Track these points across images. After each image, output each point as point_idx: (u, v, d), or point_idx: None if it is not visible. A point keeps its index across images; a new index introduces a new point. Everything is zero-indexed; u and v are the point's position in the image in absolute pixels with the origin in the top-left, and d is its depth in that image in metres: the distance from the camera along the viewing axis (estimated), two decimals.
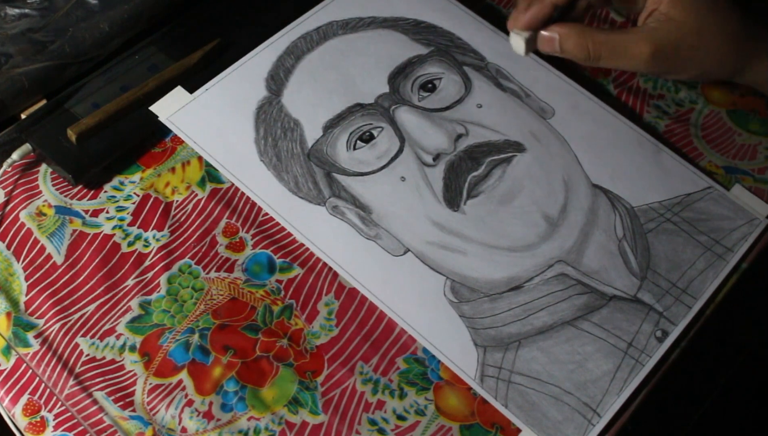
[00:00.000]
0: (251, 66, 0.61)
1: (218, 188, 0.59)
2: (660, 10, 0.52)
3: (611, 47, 0.53)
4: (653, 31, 0.52)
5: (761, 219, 0.59)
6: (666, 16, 0.52)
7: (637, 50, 0.52)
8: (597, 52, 0.53)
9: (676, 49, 0.52)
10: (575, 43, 0.53)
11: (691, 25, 0.52)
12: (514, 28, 0.54)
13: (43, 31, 0.61)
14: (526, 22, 0.53)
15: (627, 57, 0.53)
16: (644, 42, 0.52)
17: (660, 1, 0.52)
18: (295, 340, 0.53)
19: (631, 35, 0.53)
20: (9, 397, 0.50)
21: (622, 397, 0.51)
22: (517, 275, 0.54)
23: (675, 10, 0.52)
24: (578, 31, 0.53)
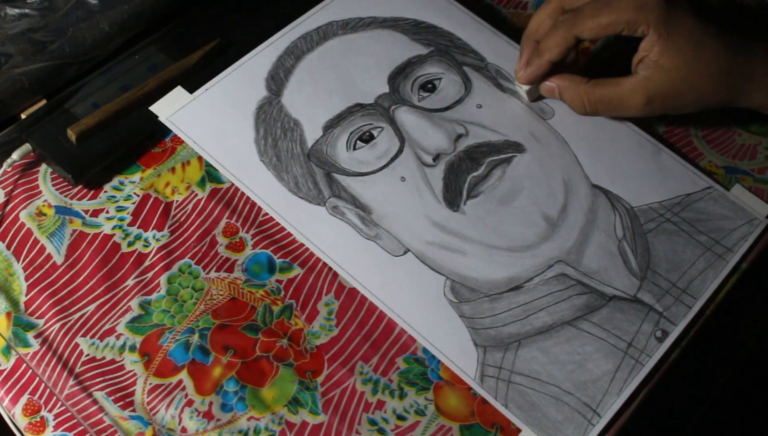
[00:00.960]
0: (251, 66, 0.61)
1: (218, 188, 0.59)
2: (650, 57, 0.54)
3: (607, 102, 0.57)
4: (645, 81, 0.55)
5: (761, 219, 0.59)
6: (656, 64, 0.54)
7: (633, 102, 0.56)
8: (593, 107, 0.58)
9: (669, 96, 0.55)
10: (571, 98, 0.58)
11: (682, 71, 0.54)
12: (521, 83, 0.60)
13: (43, 31, 0.61)
14: (527, 79, 0.59)
15: (623, 109, 0.57)
16: (638, 93, 0.55)
17: (650, 49, 0.54)
18: (295, 340, 0.53)
19: (624, 87, 0.56)
20: (9, 397, 0.50)
21: (622, 397, 0.51)
22: (517, 275, 0.54)
23: (664, 58, 0.54)
24: (574, 87, 0.58)
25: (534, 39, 0.58)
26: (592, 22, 0.55)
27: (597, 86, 0.57)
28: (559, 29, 0.56)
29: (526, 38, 0.59)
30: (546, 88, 0.59)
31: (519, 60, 0.59)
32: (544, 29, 0.58)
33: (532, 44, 0.58)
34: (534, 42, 0.58)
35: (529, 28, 0.59)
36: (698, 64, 0.54)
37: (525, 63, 0.58)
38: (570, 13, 0.56)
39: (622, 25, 0.54)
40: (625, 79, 0.56)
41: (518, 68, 0.59)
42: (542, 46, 0.57)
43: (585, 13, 0.55)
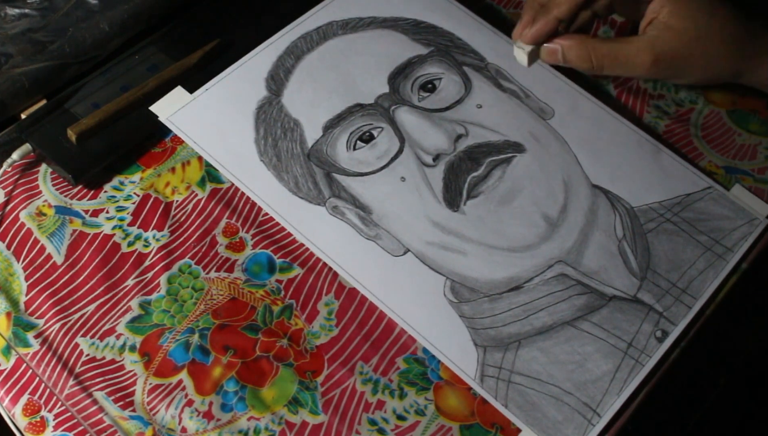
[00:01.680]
0: (251, 66, 0.61)
1: (218, 188, 0.59)
2: (660, 18, 0.53)
3: (613, 57, 0.54)
4: (654, 40, 0.53)
5: (761, 219, 0.59)
6: (666, 25, 0.53)
7: (639, 59, 0.54)
8: (600, 62, 0.55)
9: (677, 57, 0.53)
10: (578, 54, 0.55)
11: (691, 33, 0.53)
12: (519, 42, 0.55)
13: (43, 31, 0.61)
14: (532, 37, 0.55)
15: (629, 66, 0.54)
16: (645, 51, 0.53)
17: (660, 10, 0.53)
18: (295, 340, 0.53)
19: (632, 45, 0.54)
20: (9, 397, 0.50)
21: (621, 397, 0.51)
22: (517, 275, 0.54)
23: (674, 19, 0.53)
24: (580, 42, 0.55)
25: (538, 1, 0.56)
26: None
27: (604, 42, 0.55)
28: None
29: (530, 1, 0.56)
30: (548, 49, 0.56)
31: (519, 22, 0.56)
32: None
33: (535, 5, 0.55)
34: (537, 3, 0.55)
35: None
36: (709, 27, 0.53)
37: (527, 22, 0.55)
38: None
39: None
40: (634, 37, 0.54)
41: (519, 28, 0.56)
42: (551, 3, 0.54)
43: None
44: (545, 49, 0.56)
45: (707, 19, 0.53)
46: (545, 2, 0.55)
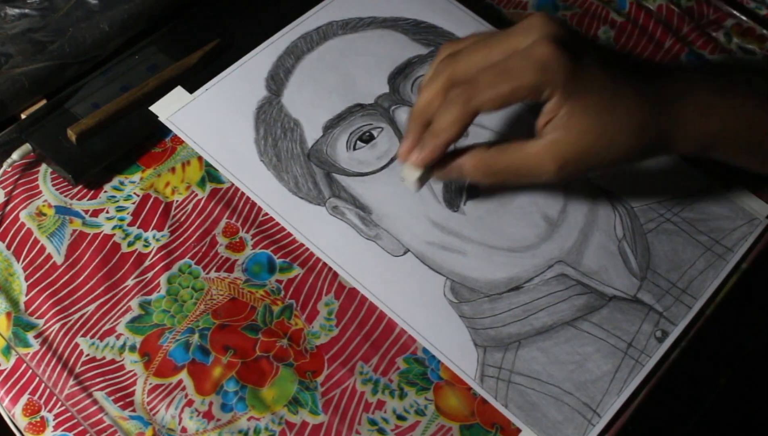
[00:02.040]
0: (251, 66, 0.61)
1: (218, 188, 0.59)
2: (558, 118, 0.47)
3: (514, 171, 0.49)
4: (555, 145, 0.48)
5: (761, 219, 0.59)
6: (564, 125, 0.47)
7: (543, 168, 0.48)
8: (500, 177, 0.50)
9: (583, 158, 0.48)
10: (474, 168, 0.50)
11: (595, 131, 0.47)
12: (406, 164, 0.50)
13: (43, 31, 0.61)
14: (421, 162, 0.49)
15: (533, 176, 0.49)
16: (548, 159, 0.48)
17: (557, 110, 0.47)
18: (295, 340, 0.53)
19: (532, 154, 0.48)
20: (9, 397, 0.50)
21: (621, 397, 0.51)
22: (517, 275, 0.54)
23: (574, 119, 0.47)
24: (478, 158, 0.49)
25: (424, 117, 0.49)
26: (492, 92, 0.46)
27: (501, 153, 0.49)
28: (454, 104, 0.47)
29: (416, 116, 0.49)
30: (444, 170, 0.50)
31: (404, 141, 0.49)
32: (434, 107, 0.49)
33: (422, 123, 0.49)
34: (424, 120, 0.49)
35: (417, 104, 0.49)
36: (612, 122, 0.47)
37: (413, 143, 0.49)
38: (464, 85, 0.47)
39: (526, 91, 0.46)
40: (532, 142, 0.48)
41: (405, 150, 0.49)
42: (438, 126, 0.48)
43: (482, 82, 0.46)
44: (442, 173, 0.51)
45: (610, 112, 0.47)
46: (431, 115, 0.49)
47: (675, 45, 0.69)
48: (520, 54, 0.46)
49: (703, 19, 0.72)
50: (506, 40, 0.48)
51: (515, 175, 0.49)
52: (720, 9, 0.72)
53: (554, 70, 0.46)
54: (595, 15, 0.71)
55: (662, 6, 0.72)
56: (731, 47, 0.70)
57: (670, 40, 0.70)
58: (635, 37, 0.70)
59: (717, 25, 0.71)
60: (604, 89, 0.47)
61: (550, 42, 0.46)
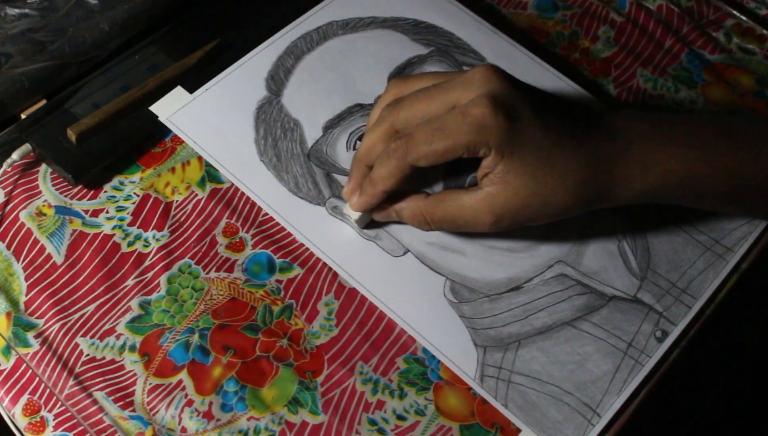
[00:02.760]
0: (251, 66, 0.61)
1: (218, 188, 0.59)
2: (495, 173, 0.48)
3: (450, 221, 0.50)
4: (491, 198, 0.48)
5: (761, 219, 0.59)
6: (501, 180, 0.48)
7: (479, 220, 0.49)
8: (437, 225, 0.51)
9: (519, 212, 0.49)
10: (412, 216, 0.52)
11: (530, 187, 0.48)
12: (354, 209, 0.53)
13: (43, 31, 0.61)
14: (359, 207, 0.52)
15: (469, 227, 0.50)
16: (484, 212, 0.49)
17: (493, 166, 0.48)
18: (295, 340, 0.53)
19: (468, 206, 0.49)
20: (9, 397, 0.50)
21: (621, 397, 0.51)
22: (517, 275, 0.54)
23: (510, 175, 0.47)
24: (413, 206, 0.51)
25: (366, 162, 0.51)
26: (426, 149, 0.47)
27: (438, 203, 0.50)
28: (391, 158, 0.48)
29: (358, 160, 0.52)
30: (383, 214, 0.53)
31: (348, 183, 0.52)
32: (376, 153, 0.50)
33: (364, 168, 0.52)
34: (365, 166, 0.51)
35: (360, 151, 0.52)
36: (549, 179, 0.47)
37: (355, 187, 0.52)
38: (402, 139, 0.48)
39: (461, 150, 0.47)
40: (469, 194, 0.49)
41: (348, 191, 0.52)
42: (375, 176, 0.50)
43: (418, 138, 0.48)
44: (380, 216, 0.53)
45: (546, 171, 0.47)
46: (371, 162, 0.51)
47: (675, 45, 0.69)
48: (457, 111, 0.47)
49: (703, 19, 0.72)
50: (447, 93, 0.48)
51: (452, 225, 0.51)
52: (720, 9, 0.72)
53: (489, 130, 0.46)
54: (595, 15, 0.71)
55: (662, 6, 0.72)
56: (731, 47, 0.70)
57: (670, 40, 0.70)
58: (635, 37, 0.70)
59: (717, 25, 0.71)
60: (541, 149, 0.47)
61: (488, 101, 0.46)
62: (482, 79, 0.48)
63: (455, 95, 0.48)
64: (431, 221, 0.51)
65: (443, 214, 0.50)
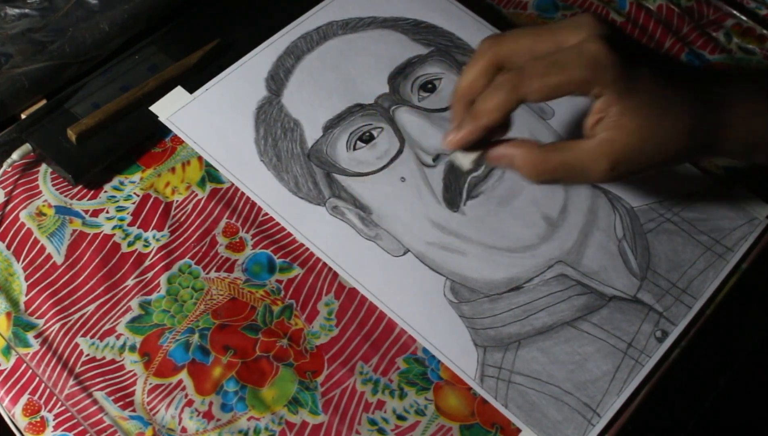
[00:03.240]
0: (251, 66, 0.61)
1: (218, 188, 0.59)
2: (609, 117, 0.47)
3: (567, 169, 0.49)
4: (607, 144, 0.48)
5: (761, 219, 0.59)
6: (616, 124, 0.47)
7: (595, 167, 0.48)
8: (552, 175, 0.49)
9: (635, 158, 0.48)
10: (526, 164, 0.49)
11: (647, 131, 0.47)
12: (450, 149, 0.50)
13: (43, 31, 0.61)
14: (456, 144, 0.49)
15: (584, 175, 0.49)
16: (601, 157, 0.48)
17: (607, 109, 0.47)
18: (295, 340, 0.53)
19: (585, 152, 0.48)
20: (9, 397, 0.50)
21: (621, 397, 0.51)
22: (517, 275, 0.54)
23: (625, 118, 0.47)
24: (530, 152, 0.49)
25: (467, 99, 0.49)
26: (539, 82, 0.46)
27: (554, 151, 0.48)
28: (500, 90, 0.47)
29: (459, 98, 0.49)
30: (495, 154, 0.50)
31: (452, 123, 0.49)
32: (478, 88, 0.48)
33: (466, 104, 0.49)
34: (467, 102, 0.49)
35: (459, 86, 0.49)
36: (663, 122, 0.47)
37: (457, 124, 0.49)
38: (512, 72, 0.47)
39: (575, 86, 0.46)
40: (584, 142, 0.48)
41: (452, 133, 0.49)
42: (479, 109, 0.47)
43: (530, 71, 0.46)
44: (492, 157, 0.50)
45: (660, 112, 0.47)
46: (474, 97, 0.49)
47: (675, 45, 0.69)
48: (570, 49, 0.47)
49: (703, 19, 0.72)
50: (554, 34, 0.48)
51: (567, 174, 0.49)
52: (720, 9, 0.72)
53: (605, 67, 0.46)
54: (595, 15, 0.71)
55: (662, 6, 0.72)
56: (731, 47, 0.70)
57: (670, 40, 0.70)
58: (635, 37, 0.70)
59: (717, 25, 0.71)
60: (655, 90, 0.47)
61: (602, 40, 0.46)
62: (591, 22, 0.48)
63: (562, 36, 0.48)
64: (545, 170, 0.49)
65: (559, 162, 0.48)
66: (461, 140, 0.48)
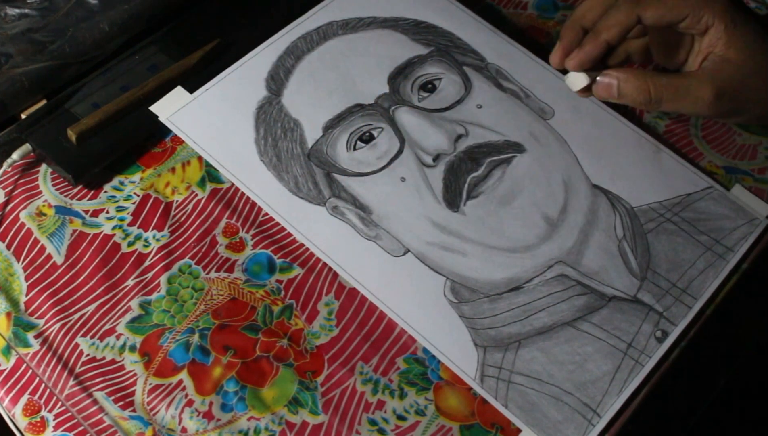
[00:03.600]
0: (251, 66, 0.61)
1: (218, 188, 0.59)
2: (716, 52, 0.52)
3: (674, 90, 0.52)
4: (714, 73, 0.52)
5: (761, 219, 0.59)
6: (723, 58, 0.52)
7: (700, 93, 0.52)
8: (659, 94, 0.52)
9: (738, 91, 0.52)
10: (635, 86, 0.52)
11: (751, 65, 0.51)
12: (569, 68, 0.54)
13: (43, 31, 0.61)
14: (579, 61, 0.53)
15: (689, 100, 0.52)
16: (706, 85, 0.52)
17: (715, 44, 0.52)
18: (295, 340, 0.53)
19: (691, 78, 0.52)
20: (9, 397, 0.50)
21: (621, 397, 0.51)
22: (517, 275, 0.54)
23: (731, 51, 0.51)
24: (637, 74, 0.53)
25: (580, 25, 0.54)
26: (658, 4, 0.51)
27: (662, 74, 0.53)
28: (621, 8, 0.52)
29: (572, 23, 0.54)
30: (603, 84, 0.53)
31: (557, 47, 0.54)
32: (595, 15, 0.53)
33: (577, 30, 0.54)
34: (579, 28, 0.54)
35: (576, 13, 0.54)
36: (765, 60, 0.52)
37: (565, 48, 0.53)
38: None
39: (688, 11, 0.51)
40: (692, 71, 0.53)
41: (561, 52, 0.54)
42: (600, 26, 0.52)
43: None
44: (600, 84, 0.54)
45: (764, 49, 0.52)
46: (589, 26, 0.53)
47: None
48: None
49: None
50: None
51: (671, 95, 0.52)
52: None
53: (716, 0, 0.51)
54: None
55: None
56: None
57: None
58: None
59: None
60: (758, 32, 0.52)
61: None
62: None
63: None
64: (654, 87, 0.52)
65: (667, 82, 0.52)
66: (584, 57, 0.53)
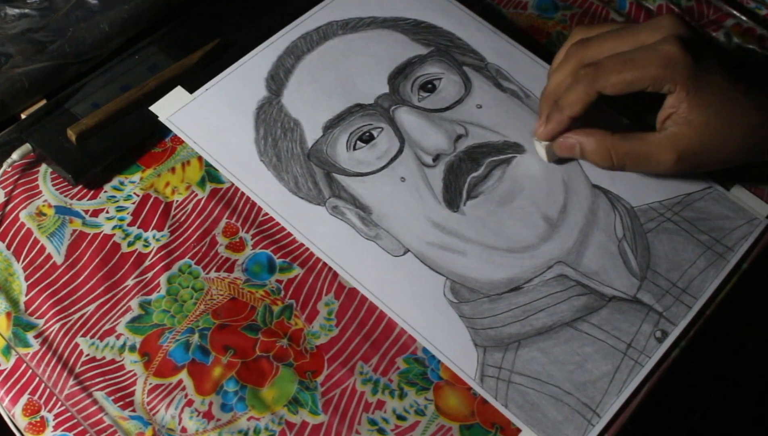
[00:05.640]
0: (251, 66, 0.61)
1: (218, 188, 0.59)
2: (679, 113, 0.52)
3: (635, 158, 0.53)
4: (675, 138, 0.52)
5: (761, 219, 0.59)
6: (685, 120, 0.52)
7: (661, 158, 0.53)
8: (620, 161, 0.54)
9: (700, 153, 0.52)
10: (597, 151, 0.54)
11: (713, 127, 0.51)
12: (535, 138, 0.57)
13: (43, 31, 0.61)
14: (546, 135, 0.55)
15: (651, 164, 0.54)
16: (668, 149, 0.52)
17: (678, 105, 0.51)
18: (295, 340, 0.53)
19: (653, 144, 0.53)
20: (9, 397, 0.50)
21: (621, 397, 0.51)
22: (517, 275, 0.54)
23: (693, 114, 0.51)
24: (600, 140, 0.54)
25: (554, 97, 0.55)
26: (616, 78, 0.51)
27: (624, 139, 0.53)
28: (580, 84, 0.52)
29: (546, 98, 0.56)
30: (566, 145, 0.55)
31: (538, 120, 0.56)
32: (565, 86, 0.54)
33: (552, 103, 0.55)
34: (553, 102, 0.55)
35: (547, 88, 0.56)
36: (729, 120, 0.52)
37: (544, 121, 0.55)
38: (591, 66, 0.52)
39: (648, 82, 0.51)
40: (653, 134, 0.53)
41: (537, 126, 0.56)
42: (563, 102, 0.53)
43: (608, 67, 0.51)
44: (562, 144, 0.55)
45: (727, 110, 0.51)
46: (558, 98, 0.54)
47: None
48: (647, 48, 0.51)
49: (703, 19, 0.72)
50: (635, 34, 0.52)
51: (635, 161, 0.54)
52: (720, 9, 0.72)
53: (678, 66, 0.50)
54: (595, 15, 0.71)
55: (662, 6, 0.72)
56: (731, 47, 0.70)
57: None
58: None
59: (717, 25, 0.71)
60: (723, 89, 0.51)
61: (678, 41, 0.50)
62: (670, 24, 0.52)
63: (643, 37, 0.52)
64: (615, 155, 0.53)
65: (629, 149, 0.53)
66: (551, 131, 0.55)
